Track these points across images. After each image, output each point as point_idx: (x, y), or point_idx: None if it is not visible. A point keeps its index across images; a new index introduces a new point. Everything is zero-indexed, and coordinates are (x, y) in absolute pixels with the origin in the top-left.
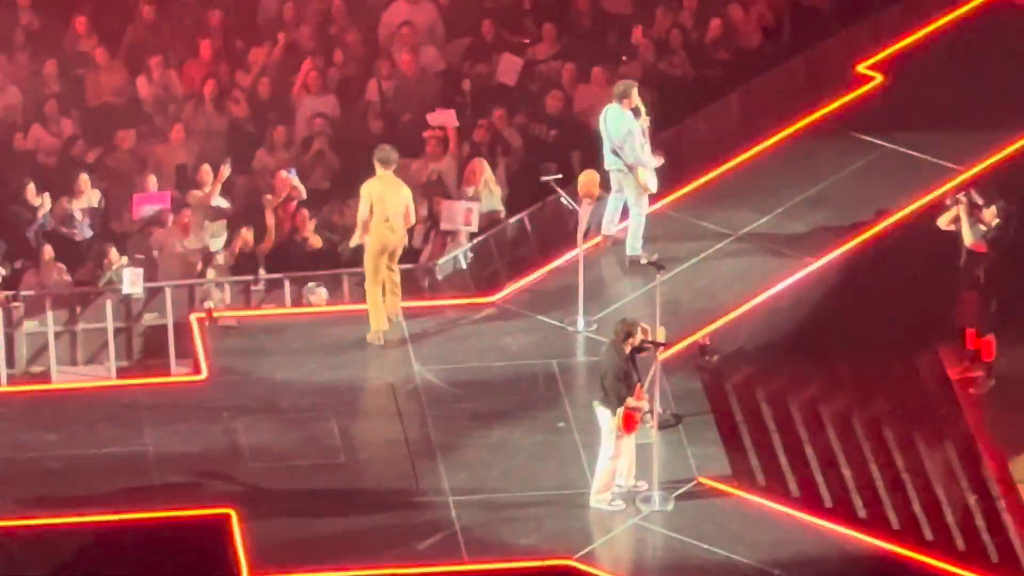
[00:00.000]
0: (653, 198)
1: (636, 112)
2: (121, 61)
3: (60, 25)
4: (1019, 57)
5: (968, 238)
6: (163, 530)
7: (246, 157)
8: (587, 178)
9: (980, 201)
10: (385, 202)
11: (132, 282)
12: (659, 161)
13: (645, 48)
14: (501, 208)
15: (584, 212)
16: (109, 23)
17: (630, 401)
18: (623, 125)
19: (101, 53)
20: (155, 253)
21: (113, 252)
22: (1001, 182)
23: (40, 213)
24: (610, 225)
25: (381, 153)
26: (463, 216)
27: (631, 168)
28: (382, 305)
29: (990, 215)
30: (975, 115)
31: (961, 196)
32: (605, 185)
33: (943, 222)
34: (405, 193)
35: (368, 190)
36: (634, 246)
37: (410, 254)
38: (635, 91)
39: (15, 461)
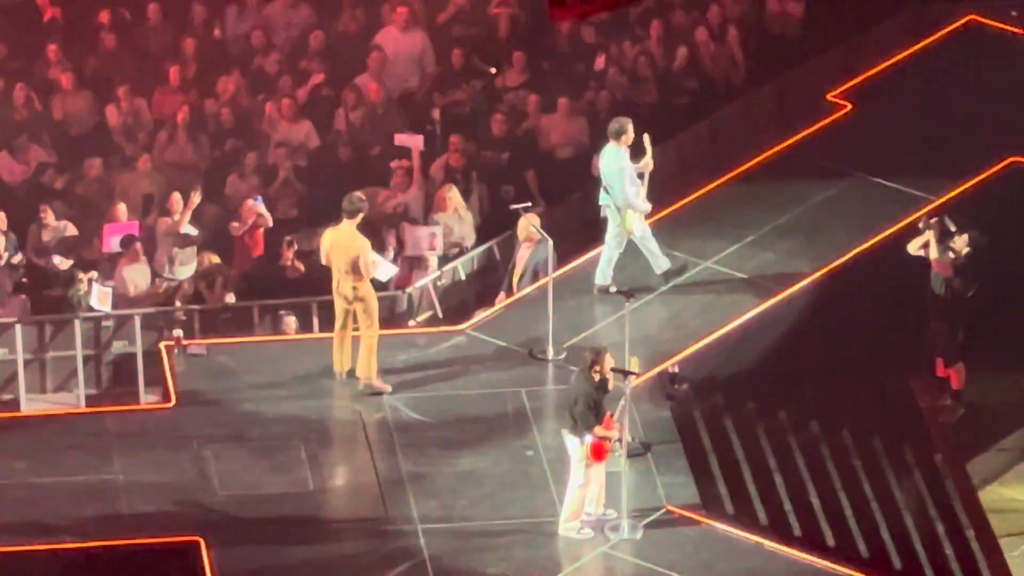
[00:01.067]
0: None
1: (640, 152)
2: (88, 88)
3: (31, 52)
4: (988, 85)
5: (935, 257)
6: (132, 558)
7: (215, 185)
8: (527, 221)
9: (952, 228)
10: (337, 254)
11: (100, 300)
12: (647, 207)
13: (612, 76)
14: (471, 235)
15: (523, 254)
16: (77, 50)
17: (599, 430)
18: (614, 164)
19: (68, 79)
20: (129, 287)
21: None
22: (971, 211)
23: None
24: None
25: (346, 202)
26: (427, 241)
27: (619, 209)
28: (345, 346)
29: (960, 243)
30: (945, 143)
31: (933, 221)
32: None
33: (913, 247)
34: (358, 247)
35: (323, 240)
36: (604, 276)
37: (379, 283)
38: (631, 128)
39: None
